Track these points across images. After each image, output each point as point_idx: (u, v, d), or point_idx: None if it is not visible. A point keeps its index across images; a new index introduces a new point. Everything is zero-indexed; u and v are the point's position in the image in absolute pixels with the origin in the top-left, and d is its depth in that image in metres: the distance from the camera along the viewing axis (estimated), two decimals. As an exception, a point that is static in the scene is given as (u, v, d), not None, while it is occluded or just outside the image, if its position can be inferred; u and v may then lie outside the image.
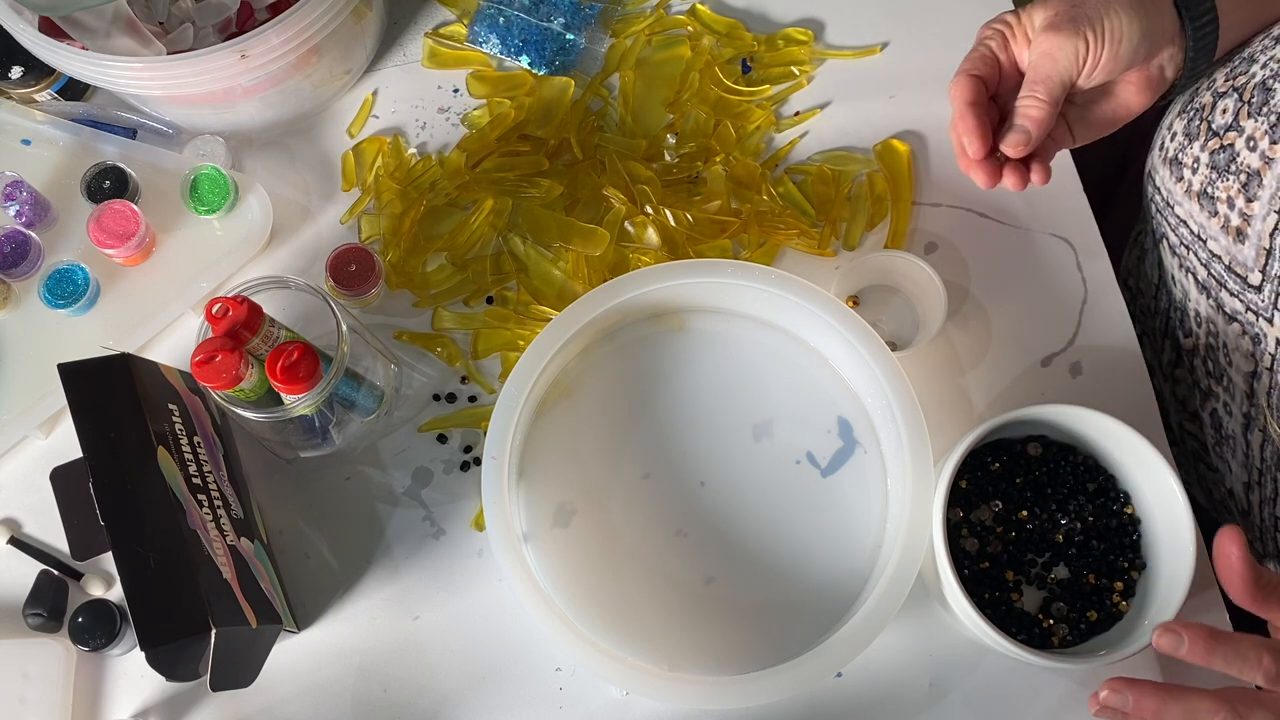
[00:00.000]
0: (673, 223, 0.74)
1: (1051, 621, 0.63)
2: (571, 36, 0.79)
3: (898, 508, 0.64)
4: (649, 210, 0.74)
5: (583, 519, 0.67)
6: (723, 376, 0.70)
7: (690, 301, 0.70)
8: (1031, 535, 0.65)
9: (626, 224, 0.74)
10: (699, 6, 0.81)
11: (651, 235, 0.74)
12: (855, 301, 0.73)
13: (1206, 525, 0.65)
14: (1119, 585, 0.63)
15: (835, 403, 0.69)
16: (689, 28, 0.80)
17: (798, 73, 0.79)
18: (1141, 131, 0.75)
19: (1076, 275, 0.73)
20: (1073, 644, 0.63)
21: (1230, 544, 0.52)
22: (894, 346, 0.69)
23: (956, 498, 0.65)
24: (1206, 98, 0.67)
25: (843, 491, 0.67)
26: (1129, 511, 0.64)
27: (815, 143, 0.77)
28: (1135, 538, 0.64)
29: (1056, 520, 0.65)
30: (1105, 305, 0.73)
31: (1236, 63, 0.66)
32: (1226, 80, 0.66)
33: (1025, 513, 0.65)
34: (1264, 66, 0.64)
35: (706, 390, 0.70)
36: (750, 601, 0.66)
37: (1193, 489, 0.78)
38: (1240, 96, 0.64)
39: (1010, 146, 0.62)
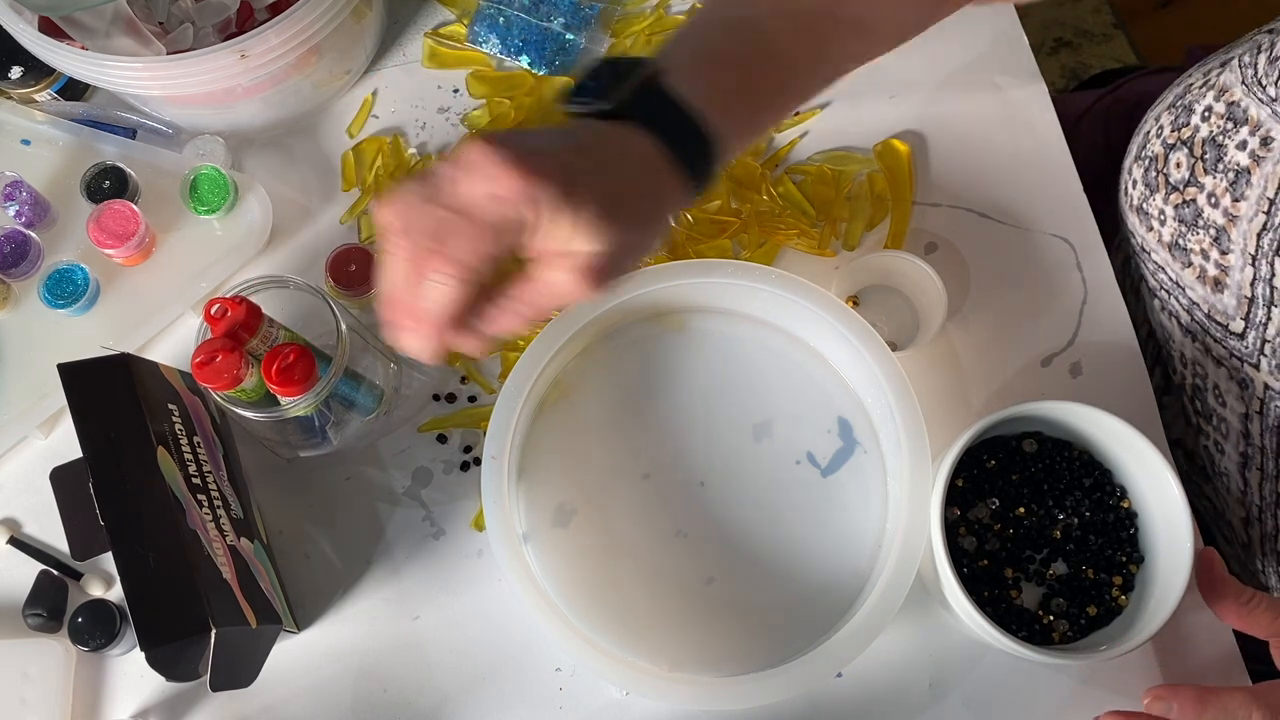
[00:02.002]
0: (672, 223, 0.74)
1: (1051, 618, 0.63)
2: (571, 36, 0.79)
3: (897, 507, 0.64)
4: (649, 210, 0.74)
5: (583, 519, 0.67)
6: (723, 376, 0.70)
7: (690, 301, 0.70)
8: (1029, 532, 0.65)
9: (626, 224, 0.74)
10: (699, 6, 0.81)
11: (651, 235, 0.73)
12: (855, 301, 0.73)
13: (1200, 522, 0.65)
14: (1118, 579, 0.63)
15: (835, 403, 0.69)
16: (689, 28, 0.80)
17: (797, 73, 0.79)
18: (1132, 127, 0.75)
19: (1076, 275, 0.73)
20: (1073, 640, 0.63)
21: (1212, 563, 0.57)
22: (894, 346, 0.69)
23: (954, 496, 0.65)
24: (1157, 147, 0.67)
25: (843, 491, 0.67)
26: (1125, 505, 0.64)
27: (815, 143, 0.77)
28: (1132, 531, 0.64)
29: (1054, 516, 0.65)
30: (1105, 305, 0.73)
31: (1179, 110, 0.66)
32: (1173, 130, 0.66)
33: (1022, 509, 0.65)
34: (1204, 120, 0.63)
35: (706, 390, 0.70)
36: (750, 601, 0.66)
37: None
38: (1191, 151, 0.64)
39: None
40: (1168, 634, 0.61)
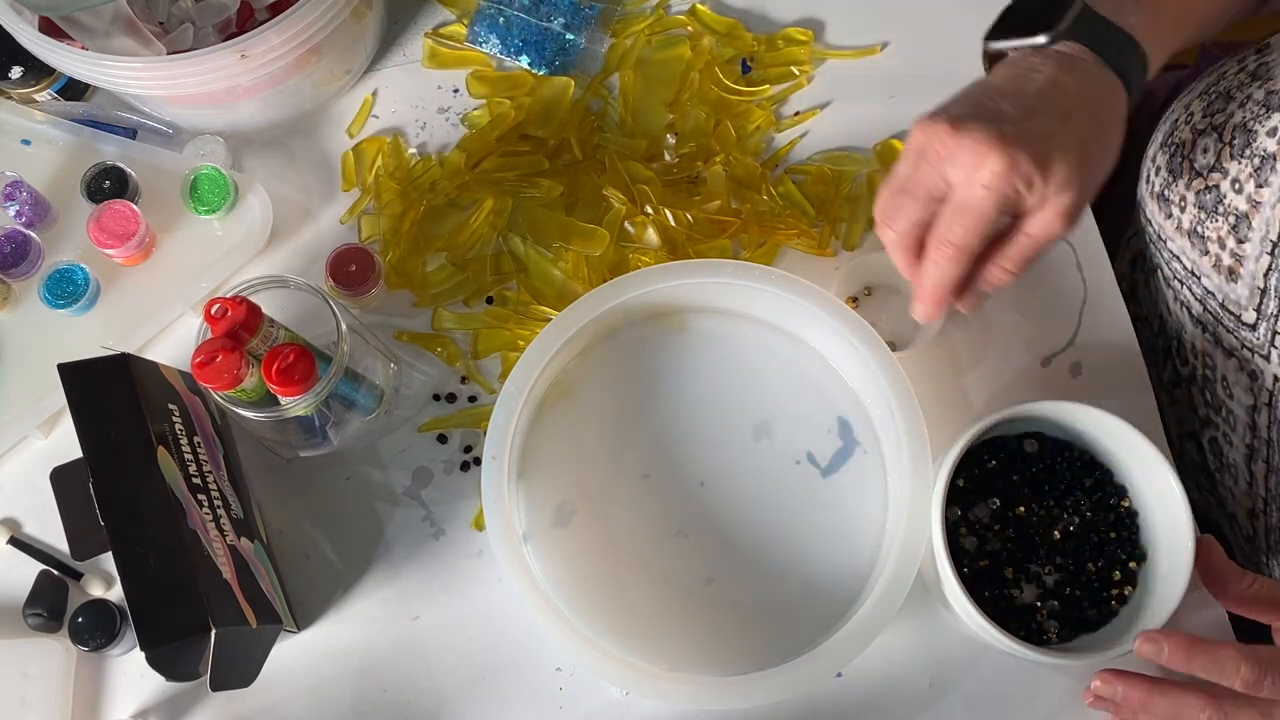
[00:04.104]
0: (673, 223, 0.74)
1: (1051, 618, 0.63)
2: (571, 36, 0.79)
3: (897, 507, 0.64)
4: (649, 210, 0.74)
5: (583, 519, 0.67)
6: (723, 376, 0.70)
7: (690, 301, 0.70)
8: (1030, 532, 0.65)
9: (626, 224, 0.74)
10: (699, 6, 0.81)
11: (651, 235, 0.74)
12: (855, 301, 0.73)
13: (1206, 516, 0.64)
14: (1118, 578, 0.63)
15: (835, 403, 0.69)
16: (689, 28, 0.80)
17: (798, 73, 0.79)
18: (1138, 139, 0.75)
19: (1076, 275, 0.73)
20: (1072, 639, 0.63)
21: (1210, 551, 0.58)
22: (894, 346, 0.69)
23: (954, 496, 0.65)
24: (1186, 133, 0.67)
25: (843, 491, 0.67)
26: (1126, 505, 0.64)
27: (815, 143, 0.77)
28: (1133, 531, 0.64)
29: (1054, 516, 0.65)
30: (1105, 305, 0.73)
31: (1213, 97, 0.66)
32: (1205, 117, 0.65)
33: (1023, 509, 0.65)
34: (1241, 106, 0.63)
35: (706, 390, 0.70)
36: (750, 601, 0.66)
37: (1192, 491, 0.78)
38: (1220, 136, 0.63)
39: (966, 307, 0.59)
40: (1168, 634, 0.61)
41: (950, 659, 0.66)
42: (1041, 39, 0.57)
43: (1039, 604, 0.64)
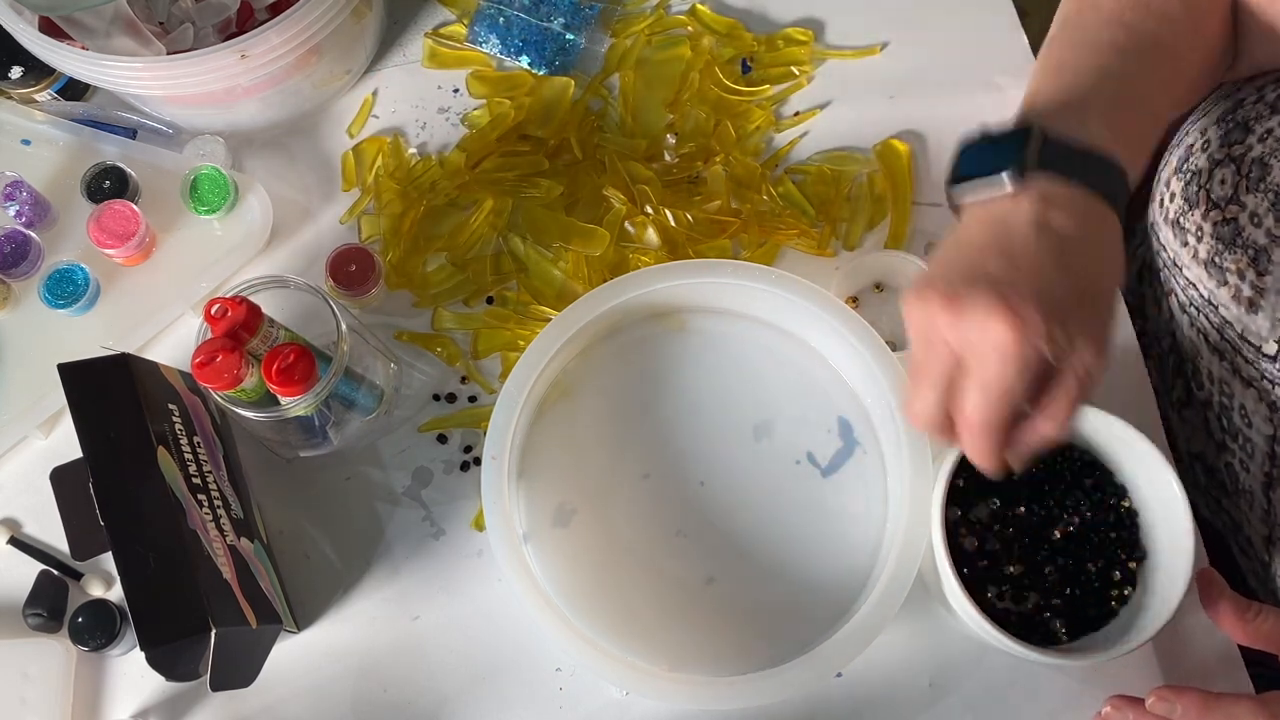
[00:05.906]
0: (673, 223, 0.74)
1: (1051, 618, 0.63)
2: (571, 36, 0.79)
3: (897, 507, 0.64)
4: (649, 210, 0.74)
5: (583, 519, 0.67)
6: (723, 376, 0.70)
7: (690, 301, 0.70)
8: (1029, 532, 0.65)
9: (626, 224, 0.74)
10: (699, 6, 0.81)
11: (651, 235, 0.74)
12: (855, 301, 0.73)
13: (1216, 537, 0.64)
14: (1118, 578, 0.63)
15: (835, 403, 0.69)
16: (689, 28, 0.80)
17: (798, 73, 0.79)
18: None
19: (1076, 275, 0.73)
20: (1072, 640, 0.63)
21: (1212, 582, 0.57)
22: (894, 346, 0.69)
23: (954, 496, 0.65)
24: (1202, 161, 0.66)
25: (843, 491, 0.67)
26: (1126, 505, 0.64)
27: (815, 143, 0.77)
28: (1133, 531, 0.64)
29: (1054, 516, 0.65)
30: (1105, 305, 0.72)
31: (1230, 125, 0.65)
32: (1222, 147, 0.65)
33: (1022, 509, 0.64)
34: (1260, 140, 0.63)
35: (706, 390, 0.70)
36: (750, 601, 0.66)
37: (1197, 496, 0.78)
38: (1238, 169, 0.63)
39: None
40: (1168, 634, 0.61)
41: (950, 659, 0.66)
42: (1006, 181, 0.52)
43: (1038, 604, 0.64)
